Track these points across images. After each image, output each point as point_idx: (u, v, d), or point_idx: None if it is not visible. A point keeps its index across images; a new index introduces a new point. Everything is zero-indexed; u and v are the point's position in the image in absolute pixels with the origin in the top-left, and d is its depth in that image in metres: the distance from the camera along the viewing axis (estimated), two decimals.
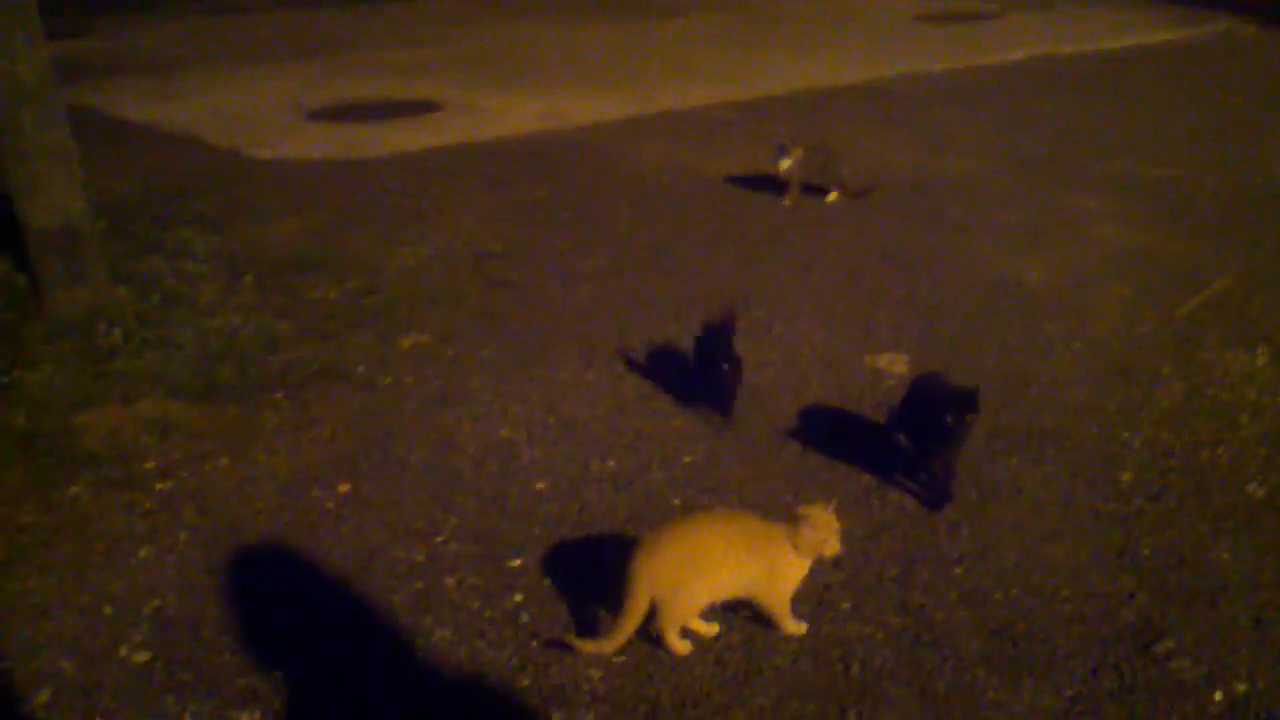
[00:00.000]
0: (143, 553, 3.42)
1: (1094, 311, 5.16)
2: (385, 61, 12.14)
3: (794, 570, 2.86)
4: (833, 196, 6.94)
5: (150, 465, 3.92)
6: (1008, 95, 10.31)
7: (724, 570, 2.80)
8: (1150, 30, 13.53)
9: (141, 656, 2.97)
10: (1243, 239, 6.14)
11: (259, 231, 6.46)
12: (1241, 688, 2.70)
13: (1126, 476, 3.72)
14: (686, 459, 3.94)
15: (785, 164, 6.77)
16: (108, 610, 3.16)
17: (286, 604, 3.21)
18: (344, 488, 3.80)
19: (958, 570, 3.23)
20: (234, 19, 15.41)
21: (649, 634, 2.87)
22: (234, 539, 3.50)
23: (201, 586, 3.27)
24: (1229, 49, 12.81)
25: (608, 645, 2.85)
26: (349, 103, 10.08)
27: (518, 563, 3.35)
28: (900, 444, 3.67)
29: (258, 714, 2.76)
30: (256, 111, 9.79)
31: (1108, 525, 3.43)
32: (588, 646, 2.86)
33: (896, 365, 4.61)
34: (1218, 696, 2.67)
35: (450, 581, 3.27)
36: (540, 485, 3.79)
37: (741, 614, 3.02)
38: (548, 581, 3.25)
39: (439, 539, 3.48)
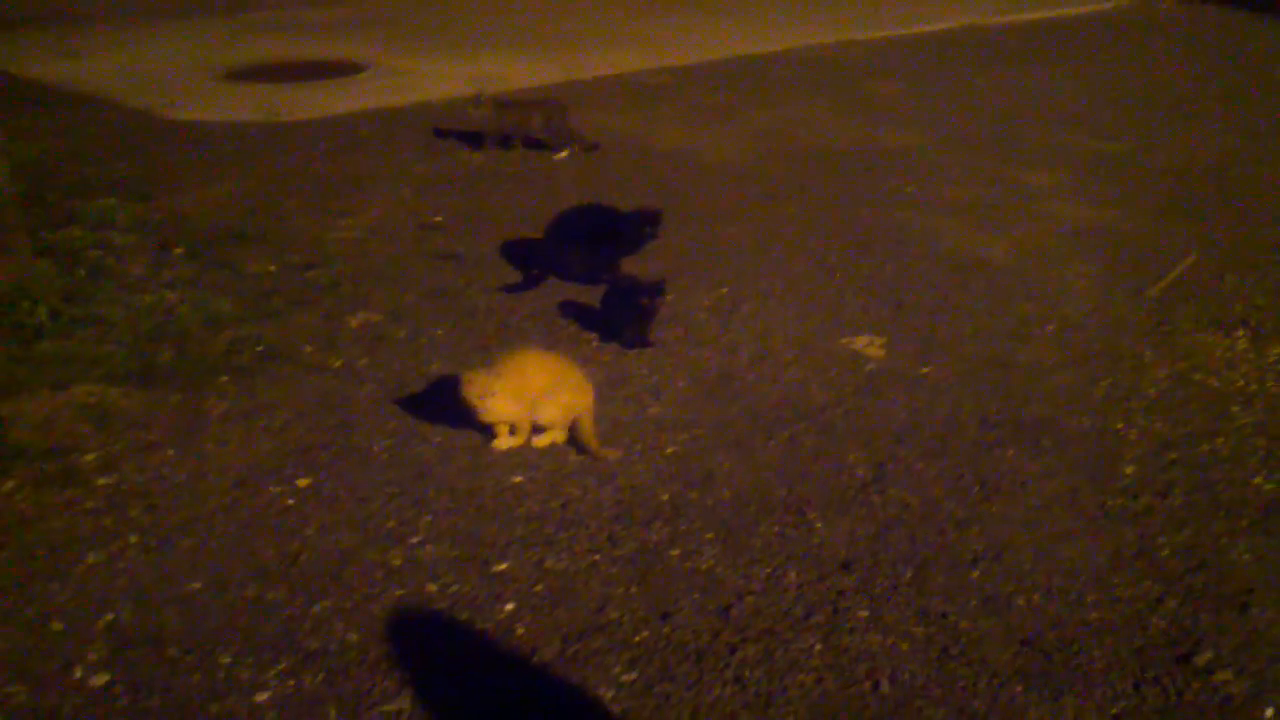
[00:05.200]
0: (90, 558, 3.11)
1: (1064, 291, 5.04)
2: (301, 20, 11.65)
3: None
4: (563, 153, 7.08)
5: (90, 458, 3.60)
6: (940, 65, 10.22)
7: None
8: (1072, 2, 13.53)
9: (100, 679, 2.67)
10: (1200, 215, 6.08)
11: (184, 199, 6.08)
12: None
13: (1129, 470, 3.58)
14: (669, 449, 3.73)
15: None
16: (56, 626, 2.85)
17: (253, 615, 2.93)
18: (303, 482, 3.53)
19: (974, 574, 3.06)
20: None
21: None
22: (189, 541, 3.21)
23: (158, 597, 2.98)
24: (1149, 20, 12.87)
25: None
26: (266, 62, 9.62)
27: (503, 566, 3.12)
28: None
29: None
30: (169, 71, 9.29)
31: (1119, 523, 3.29)
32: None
33: (874, 348, 4.45)
34: (1269, 714, 2.55)
35: (433, 589, 3.03)
36: (516, 479, 3.56)
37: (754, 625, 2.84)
38: (540, 588, 3.03)
39: (414, 540, 3.23)
